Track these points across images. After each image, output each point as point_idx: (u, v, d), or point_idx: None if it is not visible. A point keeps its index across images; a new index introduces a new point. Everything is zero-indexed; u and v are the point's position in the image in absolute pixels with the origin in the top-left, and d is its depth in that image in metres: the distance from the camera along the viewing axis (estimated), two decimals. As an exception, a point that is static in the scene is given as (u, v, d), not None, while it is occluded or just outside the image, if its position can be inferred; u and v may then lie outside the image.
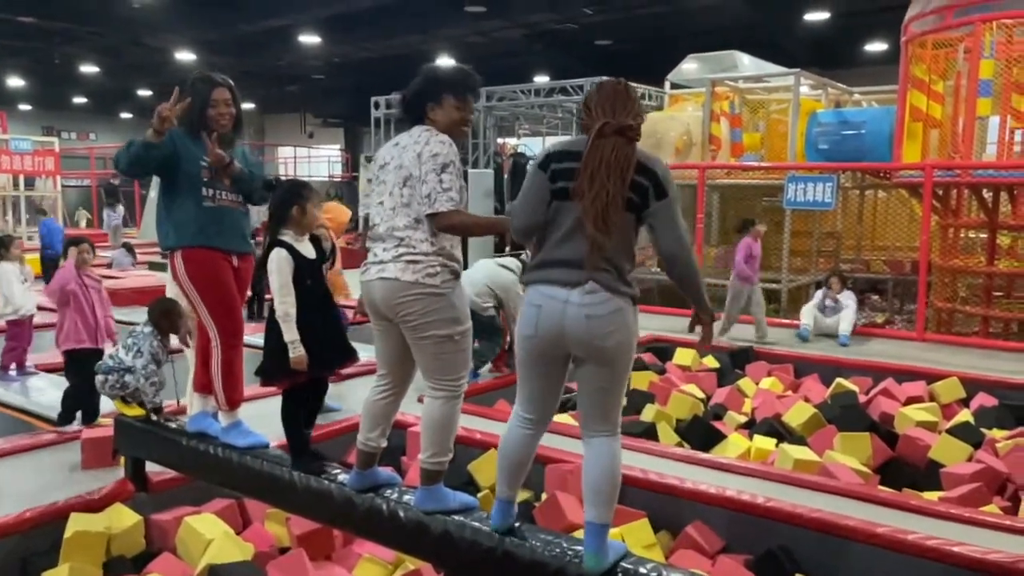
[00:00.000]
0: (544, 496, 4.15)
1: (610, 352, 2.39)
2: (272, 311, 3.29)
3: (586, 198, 2.35)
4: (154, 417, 3.95)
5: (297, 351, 3.20)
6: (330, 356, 3.35)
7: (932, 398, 6.03)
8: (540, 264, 2.48)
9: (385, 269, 2.78)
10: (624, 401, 2.55)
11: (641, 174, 2.39)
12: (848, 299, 7.99)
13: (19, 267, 6.35)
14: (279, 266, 3.25)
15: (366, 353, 3.56)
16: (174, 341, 4.17)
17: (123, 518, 3.79)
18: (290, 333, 3.20)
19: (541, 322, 2.43)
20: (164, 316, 4.04)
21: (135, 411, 3.96)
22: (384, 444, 3.01)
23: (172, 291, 4.07)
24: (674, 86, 13.79)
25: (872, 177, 10.42)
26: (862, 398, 5.92)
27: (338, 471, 3.22)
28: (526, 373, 2.57)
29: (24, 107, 29.94)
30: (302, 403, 3.36)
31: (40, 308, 9.20)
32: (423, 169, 2.74)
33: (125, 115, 33.00)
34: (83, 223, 23.45)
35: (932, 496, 4.31)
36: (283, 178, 3.71)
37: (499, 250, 11.98)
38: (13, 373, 6.22)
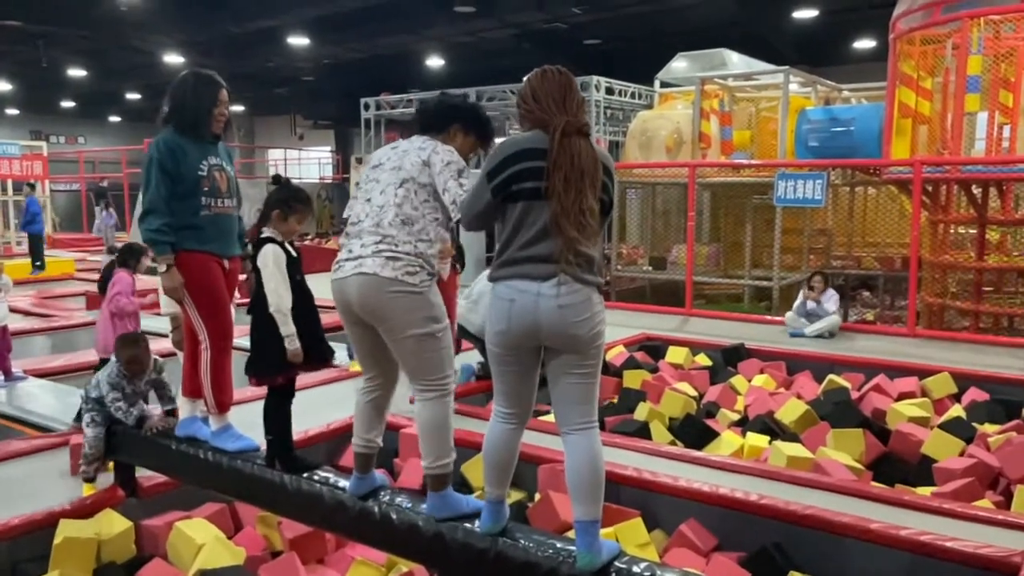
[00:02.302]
0: (537, 496, 4.14)
1: (584, 339, 2.41)
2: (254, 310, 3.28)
3: (563, 200, 2.38)
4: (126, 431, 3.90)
5: (294, 344, 3.22)
6: (318, 351, 3.34)
7: (924, 393, 6.04)
8: (510, 261, 2.47)
9: (363, 264, 2.72)
10: (599, 391, 2.55)
11: (603, 172, 2.48)
12: (831, 302, 7.96)
13: None
14: (274, 261, 3.26)
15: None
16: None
17: (113, 524, 3.76)
18: (287, 327, 3.22)
19: (514, 316, 2.44)
20: (130, 362, 3.90)
21: (88, 489, 3.94)
22: (380, 443, 2.98)
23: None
24: (664, 84, 13.81)
25: (862, 174, 10.45)
26: (854, 394, 5.93)
27: (329, 474, 3.20)
28: (501, 368, 2.57)
29: (11, 111, 29.80)
30: (290, 399, 3.36)
31: (26, 313, 9.25)
32: (440, 178, 2.76)
33: (113, 118, 32.82)
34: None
35: (925, 491, 4.32)
36: (291, 180, 3.63)
37: (492, 249, 11.95)
38: (0, 379, 6.17)
